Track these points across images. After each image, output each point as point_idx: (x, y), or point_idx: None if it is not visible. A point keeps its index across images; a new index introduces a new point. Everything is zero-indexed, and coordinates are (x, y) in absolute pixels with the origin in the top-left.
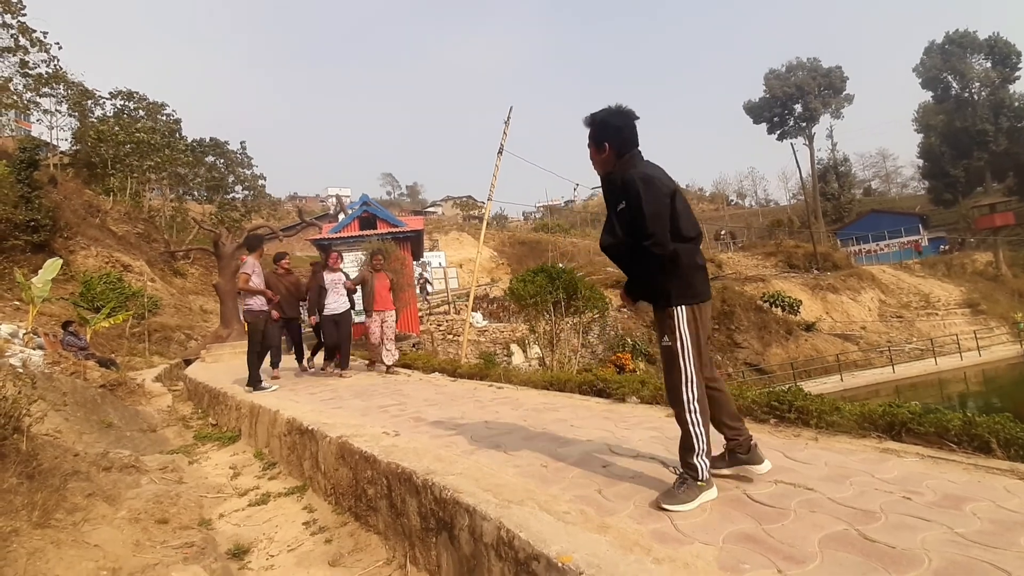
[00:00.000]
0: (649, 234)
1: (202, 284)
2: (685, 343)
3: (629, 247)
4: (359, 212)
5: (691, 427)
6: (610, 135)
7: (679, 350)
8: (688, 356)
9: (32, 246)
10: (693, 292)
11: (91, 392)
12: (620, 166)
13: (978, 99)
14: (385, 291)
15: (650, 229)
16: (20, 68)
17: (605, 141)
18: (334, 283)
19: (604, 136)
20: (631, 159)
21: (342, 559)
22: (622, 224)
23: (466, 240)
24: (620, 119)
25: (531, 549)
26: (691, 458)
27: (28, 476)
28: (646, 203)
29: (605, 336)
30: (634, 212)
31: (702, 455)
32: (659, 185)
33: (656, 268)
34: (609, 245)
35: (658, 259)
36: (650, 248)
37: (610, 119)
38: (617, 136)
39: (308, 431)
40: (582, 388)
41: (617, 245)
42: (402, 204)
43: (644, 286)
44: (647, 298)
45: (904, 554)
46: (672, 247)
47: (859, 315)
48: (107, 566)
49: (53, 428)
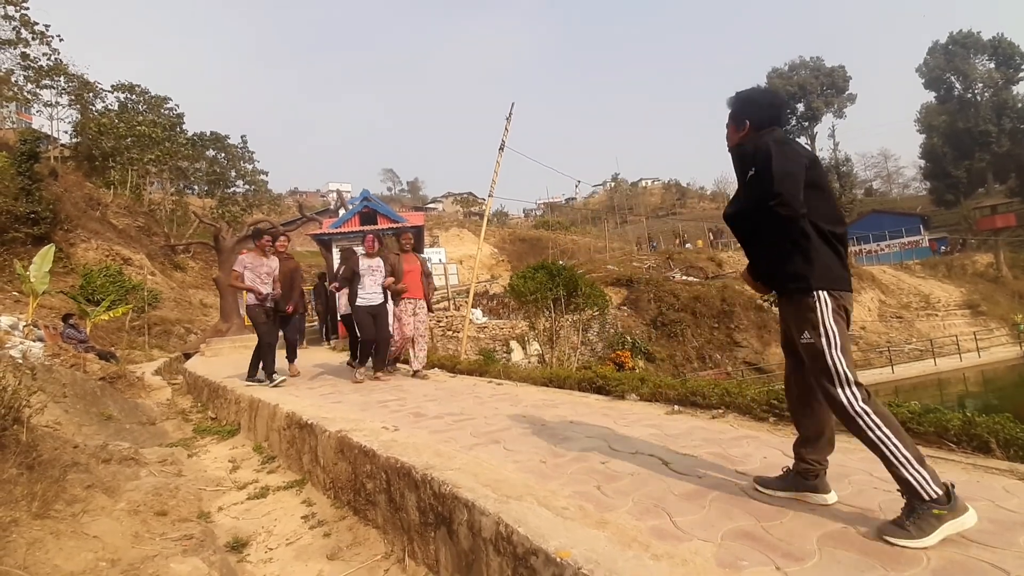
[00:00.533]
0: (775, 193)
1: (202, 278)
2: (832, 338)
3: (755, 217)
4: (360, 207)
5: (871, 434)
6: (752, 111)
7: (825, 347)
8: (837, 353)
9: (33, 238)
10: (834, 277)
11: (91, 384)
12: (755, 137)
13: (981, 100)
14: (416, 276)
15: (777, 187)
16: (21, 61)
17: (746, 118)
18: (371, 270)
19: (745, 112)
20: (768, 132)
21: (340, 553)
22: (750, 193)
23: (467, 236)
24: (764, 97)
25: (530, 544)
26: (901, 474)
27: (28, 467)
28: (776, 162)
29: (605, 334)
30: (763, 175)
31: (912, 464)
32: (795, 147)
33: (788, 242)
34: (732, 214)
35: (787, 228)
36: (776, 209)
37: (754, 95)
38: (758, 113)
39: (307, 425)
40: (581, 385)
41: (741, 214)
42: (403, 200)
43: (772, 265)
44: (774, 281)
45: (903, 552)
46: (805, 216)
47: (859, 315)
48: (106, 557)
49: (53, 420)
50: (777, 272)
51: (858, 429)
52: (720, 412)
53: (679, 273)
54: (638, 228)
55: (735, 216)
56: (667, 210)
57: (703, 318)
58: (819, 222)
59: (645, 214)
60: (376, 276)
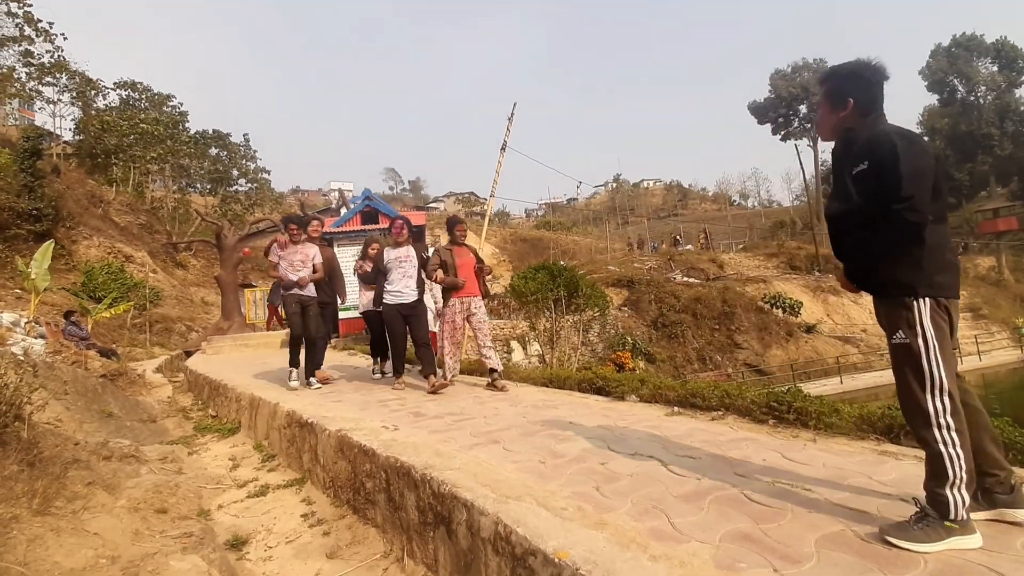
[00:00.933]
0: (905, 196)
1: (204, 276)
2: (929, 339)
3: (868, 216)
4: (361, 206)
5: (942, 447)
6: (858, 89)
7: (921, 348)
8: (934, 356)
9: (35, 235)
10: (942, 283)
11: (92, 382)
12: (864, 125)
13: (984, 103)
14: (470, 271)
15: (907, 190)
16: (23, 57)
17: (849, 96)
18: (399, 261)
19: (849, 89)
20: (878, 119)
21: (340, 551)
22: (861, 189)
23: (468, 236)
24: (872, 73)
25: (528, 544)
26: (942, 488)
27: (29, 464)
28: (905, 160)
29: (605, 334)
30: (885, 172)
31: (960, 486)
32: (923, 143)
33: (900, 245)
34: (838, 213)
35: (905, 233)
36: (902, 213)
37: (861, 70)
38: (866, 91)
39: (307, 424)
40: (581, 386)
41: (849, 213)
42: (404, 199)
43: (877, 268)
44: (875, 285)
45: (900, 555)
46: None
47: (860, 318)
48: (106, 554)
49: (54, 417)
50: (882, 276)
51: (930, 440)
52: (720, 414)
53: (680, 274)
54: (639, 229)
55: (843, 218)
56: (668, 211)
57: (704, 319)
58: (936, 224)
59: (646, 215)
60: (405, 267)
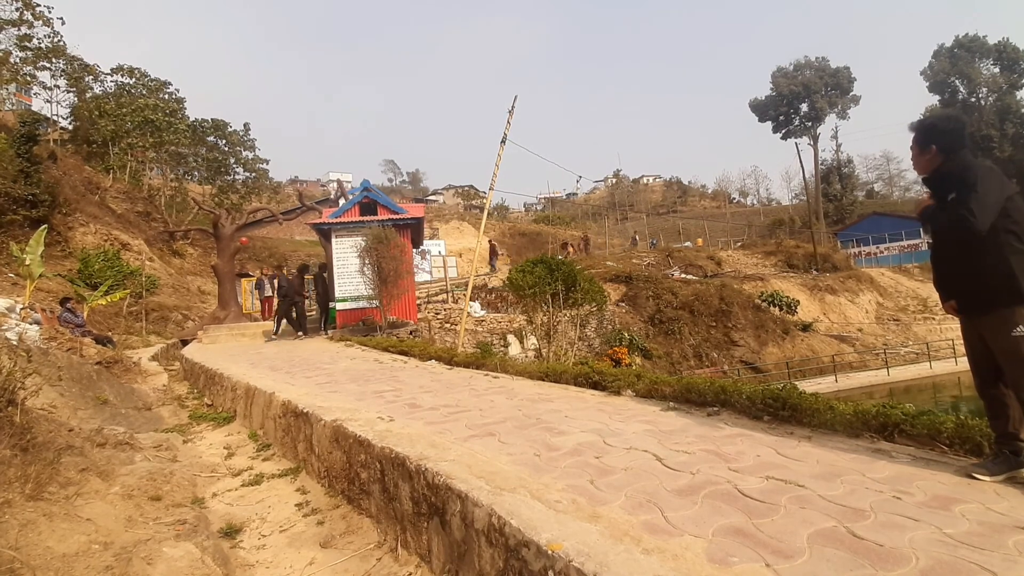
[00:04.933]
0: (968, 208)
1: (200, 265)
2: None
3: (957, 238)
4: (360, 198)
5: None
6: (937, 138)
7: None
8: None
9: (31, 221)
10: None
11: (87, 369)
12: (951, 160)
13: (985, 104)
14: None
15: (972, 205)
16: (19, 41)
17: (932, 143)
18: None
19: (931, 139)
20: (963, 155)
21: (334, 541)
22: (953, 215)
23: (466, 229)
24: (948, 123)
25: (522, 536)
26: None
27: (22, 449)
28: (982, 187)
29: (602, 330)
30: (966, 195)
31: None
32: (1000, 176)
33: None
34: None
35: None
36: (963, 221)
37: (939, 123)
38: (943, 138)
39: (303, 414)
40: (577, 380)
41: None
42: (403, 191)
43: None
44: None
45: (892, 552)
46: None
47: (856, 317)
48: (99, 540)
49: (48, 403)
50: (985, 289)
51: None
52: (715, 410)
53: (678, 271)
54: (638, 224)
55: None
56: (668, 207)
57: (701, 316)
58: None
59: (646, 211)
60: None
